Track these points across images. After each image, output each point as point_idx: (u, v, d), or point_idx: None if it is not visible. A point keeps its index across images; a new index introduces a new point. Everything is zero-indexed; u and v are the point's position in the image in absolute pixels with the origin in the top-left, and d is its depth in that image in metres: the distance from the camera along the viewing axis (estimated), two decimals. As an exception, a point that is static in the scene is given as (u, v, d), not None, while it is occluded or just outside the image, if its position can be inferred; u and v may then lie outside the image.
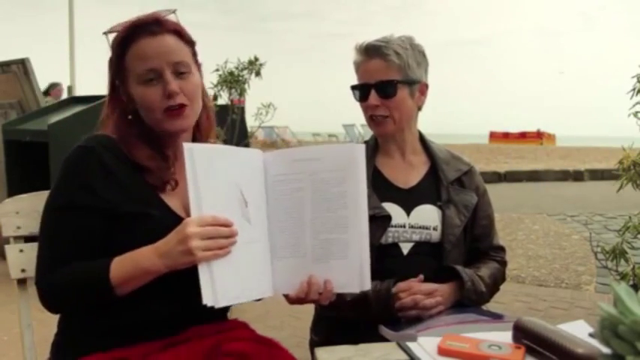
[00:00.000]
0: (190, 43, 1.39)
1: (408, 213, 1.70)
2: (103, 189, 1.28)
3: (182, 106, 1.33)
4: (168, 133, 1.37)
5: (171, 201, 1.35)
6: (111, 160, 1.30)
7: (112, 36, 1.39)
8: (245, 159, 1.34)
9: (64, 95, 9.81)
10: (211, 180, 1.23)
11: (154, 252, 1.22)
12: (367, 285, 1.30)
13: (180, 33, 1.36)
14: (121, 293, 1.24)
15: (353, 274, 1.30)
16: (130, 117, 1.37)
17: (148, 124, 1.36)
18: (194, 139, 1.43)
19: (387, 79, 1.67)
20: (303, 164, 1.33)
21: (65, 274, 1.24)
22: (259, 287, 1.32)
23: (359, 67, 1.72)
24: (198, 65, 1.41)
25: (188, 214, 1.28)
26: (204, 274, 1.20)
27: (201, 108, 1.40)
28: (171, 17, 1.39)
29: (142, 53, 1.31)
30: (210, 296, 1.20)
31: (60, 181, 1.31)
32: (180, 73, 1.33)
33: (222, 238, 1.21)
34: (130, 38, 1.32)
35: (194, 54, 1.40)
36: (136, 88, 1.32)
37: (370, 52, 1.68)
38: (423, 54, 1.74)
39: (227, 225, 1.23)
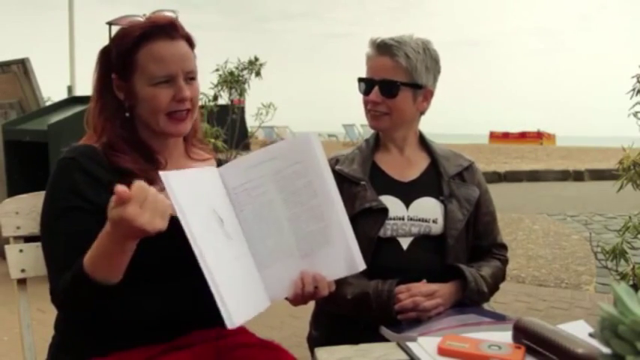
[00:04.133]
0: (194, 47, 1.40)
1: (408, 206, 1.70)
2: (92, 195, 1.27)
3: (187, 111, 1.35)
4: (165, 136, 1.38)
5: None
6: (93, 168, 1.30)
7: (115, 27, 1.38)
8: (207, 178, 1.30)
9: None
10: (191, 203, 1.19)
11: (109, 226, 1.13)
12: (361, 265, 1.31)
13: (189, 39, 1.38)
14: (111, 280, 1.16)
15: (342, 258, 1.30)
16: (127, 114, 1.37)
17: (144, 127, 1.37)
18: (183, 140, 1.46)
19: (391, 79, 1.68)
20: (260, 168, 1.31)
21: (62, 284, 1.21)
22: (259, 300, 1.30)
23: (368, 61, 1.73)
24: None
25: None
26: (216, 297, 1.15)
27: None
28: None
29: (160, 56, 1.32)
30: (227, 318, 1.16)
31: (50, 193, 1.31)
32: (189, 79, 1.35)
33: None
34: (146, 36, 1.32)
35: (195, 57, 1.41)
36: (146, 88, 1.33)
37: (381, 48, 1.69)
38: (435, 61, 1.74)
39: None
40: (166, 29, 1.33)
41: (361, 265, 1.31)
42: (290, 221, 1.30)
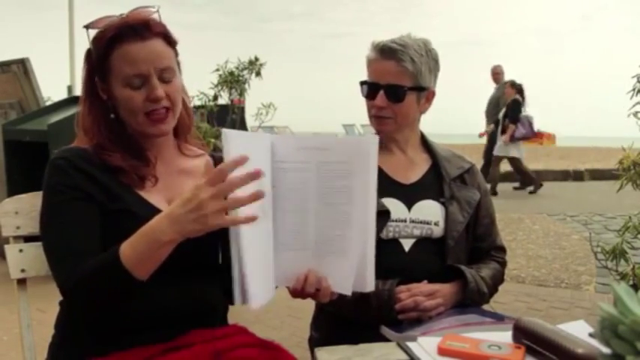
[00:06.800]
0: (174, 43, 1.38)
1: (410, 208, 1.70)
2: (88, 189, 1.28)
3: (166, 110, 1.34)
4: (148, 136, 1.38)
5: (153, 197, 1.35)
6: (87, 167, 1.31)
7: (92, 31, 1.37)
8: (261, 144, 1.25)
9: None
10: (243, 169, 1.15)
11: (166, 221, 1.15)
12: (370, 286, 1.28)
13: (166, 36, 1.36)
14: (141, 276, 1.17)
15: (353, 275, 1.26)
16: (112, 115, 1.37)
17: (129, 126, 1.37)
18: (175, 136, 1.45)
19: (398, 84, 1.66)
20: (309, 153, 1.26)
21: (84, 269, 1.20)
22: (270, 285, 1.27)
23: (371, 65, 1.71)
24: (179, 65, 1.41)
25: None
26: (235, 274, 1.15)
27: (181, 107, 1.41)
28: (155, 16, 1.38)
29: (131, 58, 1.30)
30: (239, 297, 1.16)
31: (47, 191, 1.31)
32: (165, 77, 1.33)
33: (240, 192, 1.11)
34: (117, 38, 1.31)
35: (176, 54, 1.40)
36: (121, 90, 1.32)
37: (386, 52, 1.66)
38: (436, 61, 1.73)
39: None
40: (137, 29, 1.31)
41: (370, 287, 1.27)
42: (315, 217, 1.25)
